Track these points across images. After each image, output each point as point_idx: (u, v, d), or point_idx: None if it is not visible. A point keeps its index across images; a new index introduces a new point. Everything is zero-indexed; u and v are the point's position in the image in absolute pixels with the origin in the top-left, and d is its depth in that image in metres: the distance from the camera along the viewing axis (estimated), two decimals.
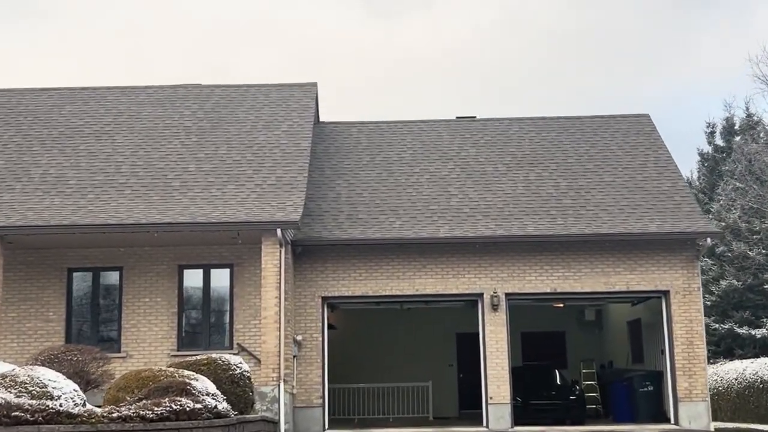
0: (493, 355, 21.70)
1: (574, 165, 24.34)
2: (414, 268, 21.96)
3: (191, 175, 21.79)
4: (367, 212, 22.66)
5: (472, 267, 21.97)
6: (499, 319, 21.79)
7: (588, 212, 22.52)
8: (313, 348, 21.67)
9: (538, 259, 22.00)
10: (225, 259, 21.15)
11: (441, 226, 22.09)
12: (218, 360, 16.48)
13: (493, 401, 21.50)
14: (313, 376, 21.55)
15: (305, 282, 21.90)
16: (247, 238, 20.43)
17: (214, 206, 20.39)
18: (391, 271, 21.96)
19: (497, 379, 21.56)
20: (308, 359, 21.63)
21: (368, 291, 21.88)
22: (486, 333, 21.80)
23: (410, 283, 21.89)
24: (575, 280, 21.88)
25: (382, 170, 24.32)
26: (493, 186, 23.59)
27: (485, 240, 21.69)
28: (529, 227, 21.93)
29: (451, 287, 21.91)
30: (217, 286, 21.21)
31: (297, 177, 21.67)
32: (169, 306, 20.96)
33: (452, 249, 22.01)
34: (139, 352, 20.67)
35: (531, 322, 27.00)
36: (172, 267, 21.13)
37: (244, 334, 20.82)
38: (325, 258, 22.00)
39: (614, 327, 27.83)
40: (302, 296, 21.84)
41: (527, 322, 26.33)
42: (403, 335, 28.45)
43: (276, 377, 19.15)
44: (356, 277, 21.94)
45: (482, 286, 21.90)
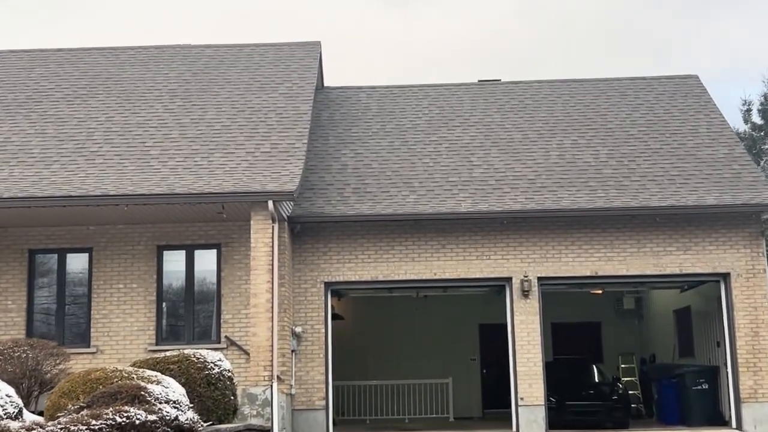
0: (524, 349, 18.50)
1: (615, 131, 21.06)
2: (431, 248, 18.79)
3: (173, 142, 18.69)
4: (376, 185, 19.50)
5: (498, 247, 18.78)
6: (531, 307, 18.59)
7: (633, 183, 19.26)
8: (314, 341, 18.55)
9: (576, 237, 18.78)
10: (211, 239, 18.06)
11: (462, 200, 18.90)
12: (191, 357, 13.41)
13: (524, 402, 18.31)
14: (314, 374, 18.43)
15: (305, 265, 18.77)
16: (236, 213, 17.33)
17: (197, 176, 17.28)
18: (404, 252, 18.80)
19: (529, 377, 18.37)
20: (309, 354, 18.51)
21: (378, 275, 18.74)
22: (515, 323, 18.60)
23: (427, 266, 18.72)
24: (619, 261, 18.64)
25: (395, 138, 21.14)
26: (521, 155, 20.36)
27: (514, 215, 18.48)
28: (565, 200, 18.70)
29: (475, 271, 18.72)
30: (203, 270, 18.11)
31: (295, 144, 18.53)
32: (147, 293, 17.89)
33: (476, 226, 18.82)
34: (111, 347, 17.63)
35: (562, 311, 23.77)
36: (149, 248, 18.05)
37: (234, 326, 17.73)
38: (329, 237, 18.87)
39: (657, 316, 24.55)
40: (302, 281, 18.72)
41: (557, 311, 23.12)
42: (419, 326, 25.30)
43: (268, 376, 16.04)
44: (364, 260, 18.79)
45: (511, 269, 18.70)
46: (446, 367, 24.67)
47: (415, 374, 24.35)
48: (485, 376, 25.62)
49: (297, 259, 18.76)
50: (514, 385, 18.53)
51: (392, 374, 24.46)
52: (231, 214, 17.44)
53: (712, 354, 20.34)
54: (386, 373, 24.40)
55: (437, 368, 24.61)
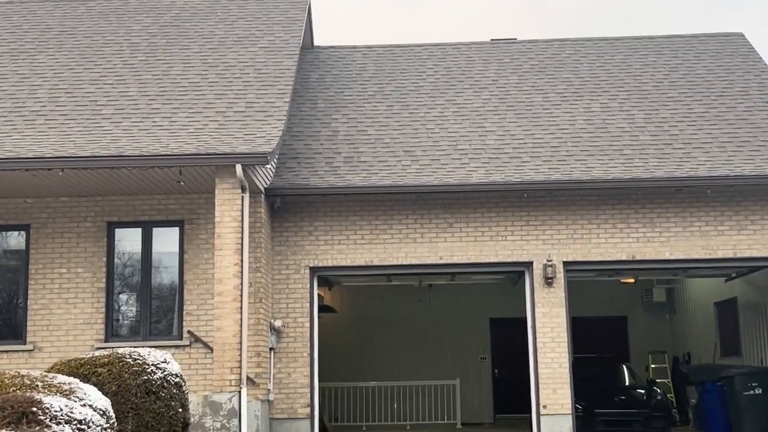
0: (547, 347, 15.33)
1: (652, 93, 17.86)
2: (437, 228, 15.64)
3: (130, 100, 15.54)
4: (372, 153, 16.33)
5: (517, 226, 15.62)
6: (556, 298, 15.42)
7: (676, 151, 16.07)
8: (297, 337, 15.41)
9: (609, 215, 15.61)
10: (172, 214, 14.92)
11: (474, 170, 15.73)
12: (126, 357, 10.19)
13: (547, 411, 15.13)
14: (297, 376, 15.29)
15: (287, 247, 15.63)
16: (200, 183, 14.20)
17: (154, 138, 14.14)
18: (405, 232, 15.65)
19: (553, 380, 15.20)
20: (291, 353, 15.38)
21: (374, 259, 15.59)
22: (537, 317, 15.43)
23: (431, 248, 15.57)
24: (661, 243, 15.46)
25: (394, 102, 17.96)
26: (543, 119, 17.17)
27: (535, 187, 15.31)
28: (596, 170, 15.53)
29: (488, 254, 15.56)
30: (162, 252, 14.97)
31: (275, 103, 15.36)
32: (95, 279, 14.76)
33: (490, 201, 15.67)
34: (51, 343, 14.49)
35: (583, 303, 20.64)
36: (99, 225, 14.92)
37: (199, 319, 14.59)
38: (315, 214, 15.73)
39: (693, 309, 21.34)
40: (282, 266, 15.58)
41: (577, 303, 20.01)
42: (422, 320, 22.20)
43: (235, 380, 12.89)
44: (357, 241, 15.64)
45: (531, 251, 15.54)
46: (453, 367, 21.76)
47: (417, 375, 21.41)
48: (497, 377, 22.53)
49: (277, 240, 15.62)
50: (536, 390, 15.37)
51: (392, 375, 21.50)
52: (194, 184, 14.30)
53: (764, 353, 17.19)
54: (385, 374, 21.44)
55: (443, 368, 21.67)
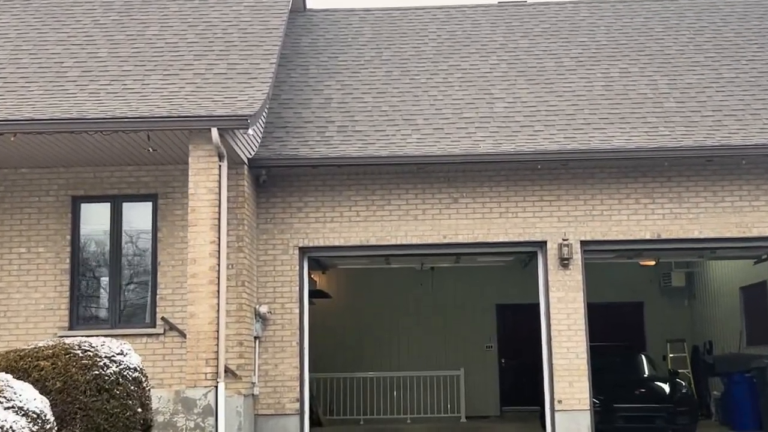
0: (563, 336, 13.72)
1: (676, 57, 16.16)
2: (440, 203, 14.01)
3: (99, 62, 13.89)
4: (369, 122, 14.67)
5: (529, 201, 13.98)
6: (572, 281, 13.80)
7: (705, 119, 14.40)
8: (286, 325, 13.80)
9: (632, 188, 13.97)
10: (145, 188, 13.29)
11: (481, 139, 14.08)
12: (74, 349, 8.62)
13: (562, 406, 13.53)
14: (285, 368, 13.68)
15: (273, 225, 14.00)
16: (174, 152, 12.57)
17: (123, 101, 12.49)
18: (404, 208, 14.01)
19: (569, 373, 13.60)
20: (279, 342, 13.77)
21: (370, 238, 13.96)
22: (551, 302, 13.81)
23: (434, 226, 13.94)
24: (690, 220, 13.82)
25: (394, 68, 16.28)
26: (556, 86, 15.49)
27: (550, 158, 13.66)
28: (617, 139, 13.86)
29: (497, 232, 13.93)
30: (134, 230, 13.35)
31: (260, 65, 13.70)
32: (58, 260, 13.14)
33: (499, 174, 14.03)
34: (9, 331, 12.89)
35: (596, 288, 18.90)
36: (62, 200, 13.30)
37: (174, 304, 12.96)
38: (305, 189, 14.09)
39: (716, 295, 19.70)
40: (269, 246, 13.96)
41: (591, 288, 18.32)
42: (424, 307, 20.61)
43: (211, 373, 11.29)
44: (352, 218, 14.00)
45: (546, 230, 13.90)
46: (457, 357, 20.18)
47: (418, 365, 19.90)
48: (504, 367, 20.95)
49: (262, 217, 13.99)
50: (549, 383, 13.76)
51: (391, 365, 19.99)
52: (168, 154, 12.67)
53: None
54: (384, 364, 19.92)
55: (446, 358, 20.19)
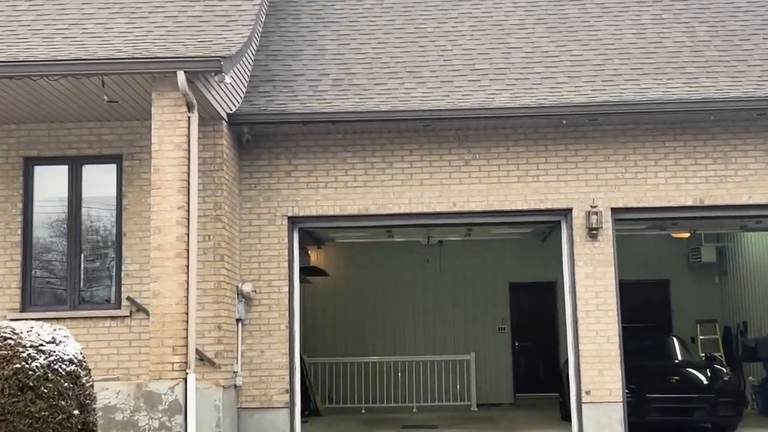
0: (591, 317, 11.84)
1: (715, 3, 14.15)
2: (449, 166, 12.10)
3: (57, 4, 11.94)
4: (368, 75, 12.72)
5: (552, 163, 12.07)
6: (601, 254, 11.91)
7: (753, 69, 12.42)
8: (273, 306, 11.93)
9: (671, 147, 12.05)
10: (108, 147, 11.39)
11: (496, 93, 12.13)
12: None
13: (591, 398, 11.66)
14: (272, 354, 11.82)
15: (259, 192, 12.11)
16: (142, 106, 10.65)
17: (80, 47, 10.57)
18: (409, 171, 12.10)
19: (598, 359, 11.73)
20: (265, 325, 11.90)
21: (369, 207, 12.06)
22: (577, 279, 11.92)
23: (443, 192, 12.03)
24: (738, 183, 11.89)
25: (396, 15, 14.31)
26: (581, 34, 13.52)
27: (576, 111, 11.71)
28: (653, 91, 11.92)
29: (515, 199, 12.01)
30: (95, 197, 11.43)
31: (242, 6, 11.75)
32: (8, 231, 11.26)
33: (517, 132, 12.12)
34: None
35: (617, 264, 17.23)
36: (13, 162, 11.40)
37: (142, 281, 11.06)
38: (295, 150, 12.19)
39: (751, 271, 17.74)
40: (253, 216, 12.07)
41: None
42: (431, 285, 18.75)
43: (180, 362, 9.42)
44: (349, 183, 12.10)
45: (571, 196, 11.99)
46: (467, 340, 18.42)
47: (425, 349, 18.17)
48: (518, 351, 19.09)
49: (246, 183, 12.10)
50: (576, 371, 11.89)
51: (395, 349, 18.20)
52: (134, 107, 10.76)
53: None
54: (387, 348, 18.15)
55: (455, 341, 18.37)
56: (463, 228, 13.55)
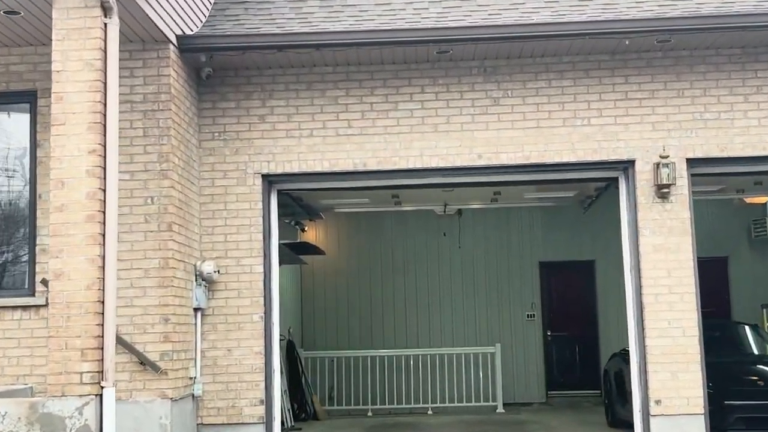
0: (661, 303, 8.82)
1: None
2: (473, 106, 9.10)
3: None
4: None
5: (608, 101, 9.05)
6: (675, 220, 8.88)
7: None
8: (243, 291, 8.97)
9: (765, 77, 8.96)
10: (17, 81, 8.41)
11: (534, 10, 9.07)
12: None
13: (662, 409, 8.67)
14: (243, 354, 8.88)
15: (225, 142, 9.13)
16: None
17: None
18: (419, 115, 9.11)
19: (671, 358, 8.74)
20: (233, 316, 8.95)
21: (368, 161, 9.06)
22: (642, 253, 8.88)
23: (463, 141, 9.03)
24: None
25: None
26: None
27: (640, 27, 8.62)
28: (740, 4, 8.84)
29: (559, 148, 9.00)
30: (2, 147, 8.49)
31: None
32: None
33: (561, 60, 9.09)
34: None
35: None
36: None
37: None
38: (270, 88, 9.20)
39: None
40: (217, 173, 9.11)
41: None
42: (447, 264, 15.76)
43: (92, 371, 6.46)
44: (340, 130, 9.11)
45: (633, 143, 8.96)
46: (491, 329, 15.48)
47: (442, 340, 15.25)
48: (550, 341, 16.09)
49: (207, 131, 9.13)
50: (640, 374, 8.88)
51: (407, 341, 15.24)
52: (46, 24, 7.76)
53: None
54: (398, 340, 15.25)
55: (477, 331, 15.44)
56: (489, 191, 10.54)
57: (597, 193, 10.60)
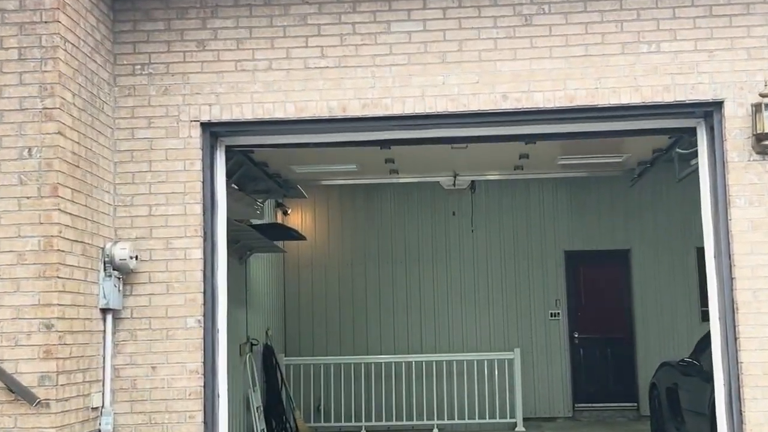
0: (762, 299, 6.08)
1: None
2: (495, 27, 6.38)
3: None
4: None
5: (685, 18, 6.32)
6: None
7: None
8: (173, 285, 6.29)
9: None
10: None
11: None
12: None
13: None
14: (172, 373, 6.20)
15: (149, 78, 6.43)
16: None
17: None
18: (419, 38, 6.39)
19: None
20: (160, 320, 6.28)
21: (348, 103, 6.35)
22: (732, 231, 6.16)
23: (483, 75, 6.31)
24: None
25: None
26: None
27: None
28: None
29: (616, 85, 6.27)
30: None
31: None
32: None
33: None
34: None
35: None
36: None
37: None
38: (214, 3, 6.48)
39: None
40: (138, 121, 6.43)
41: None
42: (458, 252, 13.12)
43: None
44: (310, 61, 6.40)
45: (721, 77, 6.24)
46: (509, 332, 12.85)
47: (451, 345, 12.70)
48: (577, 344, 13.40)
49: (125, 61, 6.44)
50: (731, 401, 6.16)
51: (409, 345, 12.66)
52: None
53: None
54: (399, 344, 12.65)
55: (492, 334, 12.88)
56: (515, 152, 7.82)
57: (654, 156, 7.92)
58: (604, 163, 8.60)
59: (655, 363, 12.69)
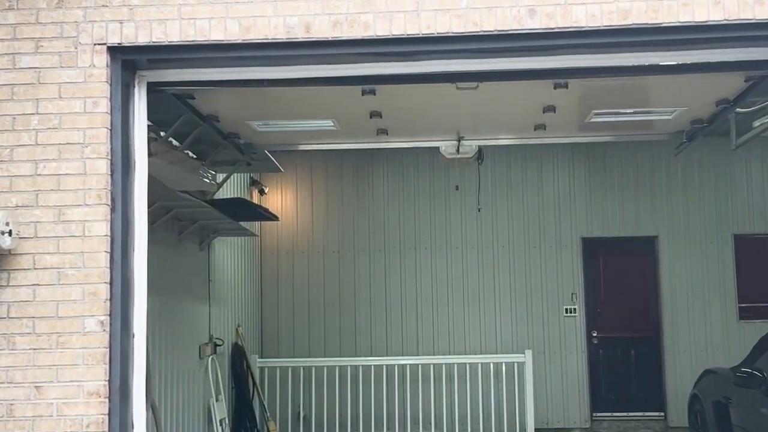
0: None
1: None
2: None
3: None
4: None
5: None
6: None
7: None
8: (67, 271, 4.44)
9: None
10: None
11: None
12: None
13: None
14: (62, 398, 4.33)
15: None
16: None
17: None
18: None
19: None
20: (48, 320, 4.40)
21: (309, 21, 4.47)
22: None
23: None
24: None
25: None
26: None
27: None
28: None
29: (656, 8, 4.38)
30: None
31: None
32: None
33: None
34: None
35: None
36: None
37: None
38: None
39: None
40: (21, 44, 4.55)
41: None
42: (461, 236, 11.30)
43: None
44: None
45: None
46: (519, 330, 11.05)
47: (453, 345, 10.99)
48: (596, 344, 11.56)
49: None
50: None
51: (405, 345, 10.94)
52: None
53: None
54: (392, 343, 10.89)
55: (500, 332, 11.13)
56: (539, 101, 5.91)
57: (719, 109, 6.04)
58: (647, 121, 6.69)
59: (684, 367, 11.02)
